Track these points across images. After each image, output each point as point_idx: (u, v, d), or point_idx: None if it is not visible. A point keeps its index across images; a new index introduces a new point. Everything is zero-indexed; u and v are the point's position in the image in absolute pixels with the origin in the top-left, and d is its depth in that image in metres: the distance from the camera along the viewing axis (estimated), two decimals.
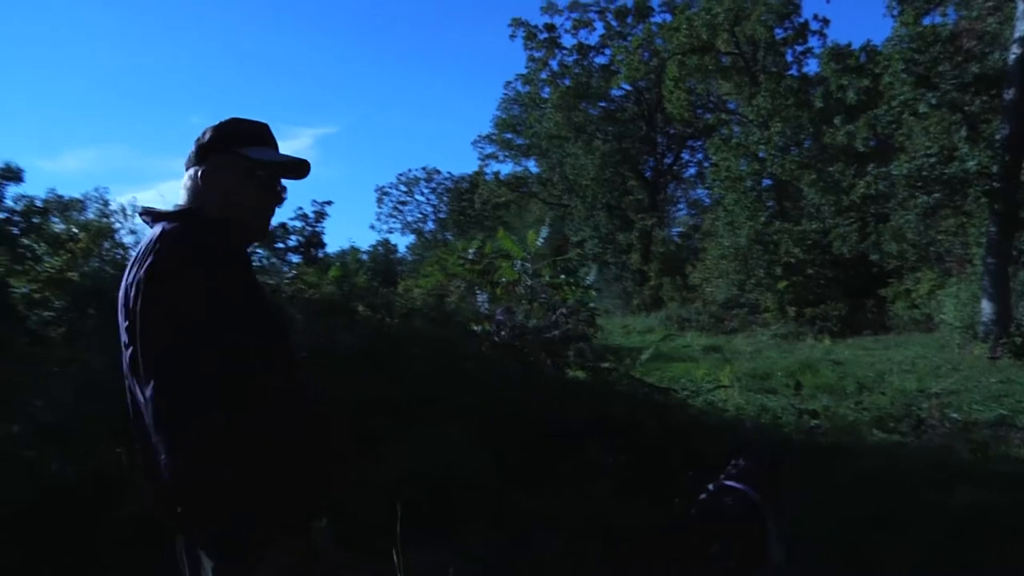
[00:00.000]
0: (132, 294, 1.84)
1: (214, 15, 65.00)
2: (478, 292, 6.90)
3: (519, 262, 7.10)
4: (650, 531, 3.90)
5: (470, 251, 8.77)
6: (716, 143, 25.33)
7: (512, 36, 34.12)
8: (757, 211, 23.78)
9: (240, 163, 2.00)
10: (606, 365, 6.34)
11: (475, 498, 4.49)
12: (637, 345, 19.74)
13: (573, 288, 7.81)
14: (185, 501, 1.75)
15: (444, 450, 4.65)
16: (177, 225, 1.92)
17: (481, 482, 4.61)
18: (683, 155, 38.02)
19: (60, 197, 26.78)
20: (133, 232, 23.23)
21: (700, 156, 35.89)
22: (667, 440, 5.42)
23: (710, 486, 3.64)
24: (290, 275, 8.65)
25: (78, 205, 27.24)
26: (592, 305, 8.28)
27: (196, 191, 2.00)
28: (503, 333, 6.13)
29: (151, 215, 2.00)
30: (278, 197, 2.11)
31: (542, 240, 7.24)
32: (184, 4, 63.39)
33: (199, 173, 2.00)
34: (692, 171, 38.73)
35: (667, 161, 37.52)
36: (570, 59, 34.30)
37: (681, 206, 41.89)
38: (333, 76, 68.38)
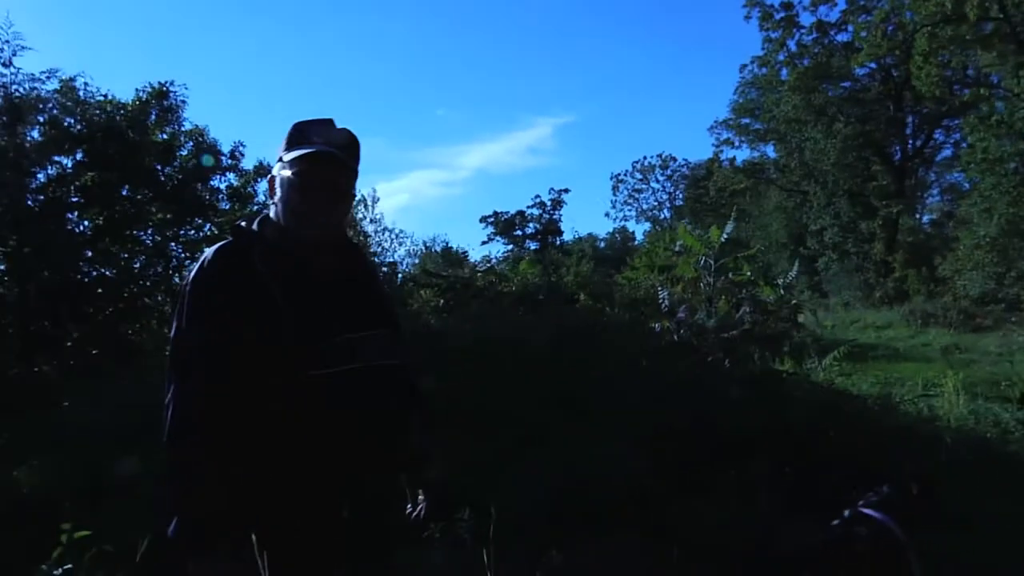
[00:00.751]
0: None
1: (455, 10, 68.12)
2: (660, 288, 7.00)
3: (703, 258, 7.12)
4: (799, 554, 3.79)
5: (676, 243, 8.80)
6: (972, 122, 23.22)
7: (747, 17, 33.09)
8: (1020, 196, 21.48)
9: (280, 168, 2.11)
10: (786, 368, 6.22)
11: (634, 502, 4.60)
12: (872, 342, 18.68)
13: (770, 286, 7.71)
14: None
15: (607, 450, 4.83)
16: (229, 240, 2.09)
17: (642, 486, 4.69)
18: (936, 136, 35.03)
19: None
20: (373, 221, 25.06)
21: (956, 136, 32.84)
22: (850, 452, 5.21)
23: (845, 512, 3.50)
24: (482, 267, 9.12)
25: None
26: (794, 302, 8.10)
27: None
28: (682, 331, 6.24)
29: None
30: (315, 193, 2.07)
31: (726, 235, 7.19)
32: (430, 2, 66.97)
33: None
34: (947, 153, 35.53)
35: (916, 143, 34.72)
36: (809, 38, 32.68)
37: (934, 191, 38.64)
38: (575, 65, 69.44)
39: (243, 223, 2.16)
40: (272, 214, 2.12)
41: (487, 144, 66.14)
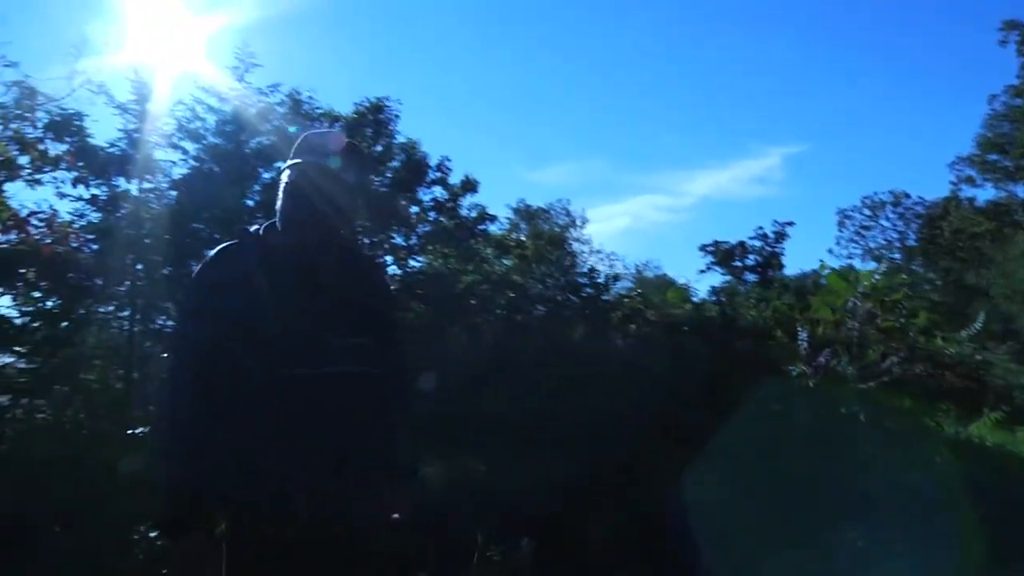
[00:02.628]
0: None
1: (685, 33, 66.97)
2: (800, 329, 6.71)
3: (851, 300, 6.71)
4: None
5: (864, 282, 8.33)
6: None
7: (1003, 42, 30.03)
8: None
9: (281, 177, 2.37)
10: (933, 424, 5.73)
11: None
12: None
13: (948, 339, 7.15)
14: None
15: (702, 494, 4.81)
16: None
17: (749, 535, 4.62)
18: None
19: (528, 207, 30.63)
20: (583, 242, 25.63)
21: None
22: None
23: None
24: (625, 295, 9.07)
25: (543, 214, 30.86)
26: (979, 357, 7.44)
27: None
28: (818, 378, 5.96)
29: None
30: (303, 200, 2.25)
31: (877, 277, 6.71)
32: (657, 23, 66.22)
33: None
34: None
35: None
36: None
37: None
38: (809, 93, 65.95)
39: (250, 228, 2.39)
40: (276, 221, 2.34)
41: (714, 171, 64.39)
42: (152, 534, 4.26)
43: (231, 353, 2.10)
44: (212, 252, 2.28)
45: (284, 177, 2.32)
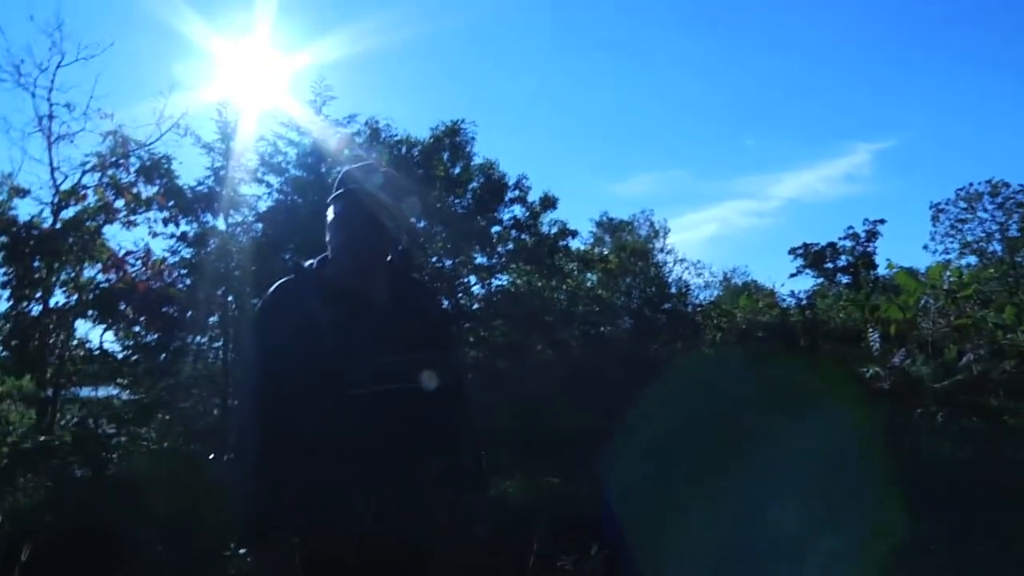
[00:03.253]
0: None
1: (759, 36, 65.46)
2: (871, 330, 6.47)
3: (924, 298, 6.44)
4: None
5: (947, 280, 8.06)
6: None
7: None
8: None
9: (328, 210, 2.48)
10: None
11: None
12: None
13: None
14: None
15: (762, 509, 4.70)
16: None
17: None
18: None
19: (611, 219, 30.53)
20: (667, 252, 25.34)
21: None
22: None
23: None
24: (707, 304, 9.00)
25: (626, 227, 30.71)
26: None
27: None
28: (892, 379, 5.73)
29: None
30: (352, 227, 2.38)
31: (948, 273, 6.38)
32: (740, 24, 64.99)
33: None
34: None
35: None
36: None
37: None
38: (896, 86, 63.36)
39: (305, 262, 2.51)
40: (328, 253, 2.44)
41: (800, 172, 62.38)
42: (240, 550, 4.49)
43: (295, 383, 2.23)
44: (271, 289, 2.40)
45: (330, 211, 2.43)
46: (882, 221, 37.27)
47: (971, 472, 4.81)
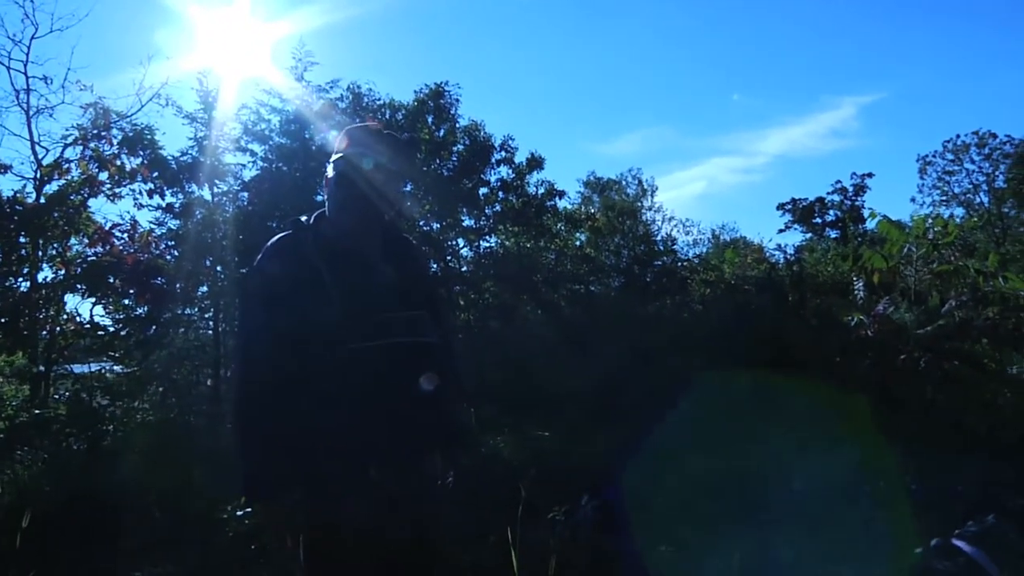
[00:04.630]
0: None
1: None
2: (855, 279, 6.52)
3: (906, 246, 6.49)
4: None
5: (931, 230, 8.12)
6: None
7: None
8: None
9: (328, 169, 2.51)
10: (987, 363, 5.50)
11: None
12: None
13: (1021, 277, 6.88)
14: None
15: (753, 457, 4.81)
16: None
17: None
18: None
19: (599, 179, 30.47)
20: (656, 210, 25.24)
21: None
22: None
23: (934, 541, 3.25)
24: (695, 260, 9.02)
25: (614, 186, 30.65)
26: None
27: None
28: (875, 327, 5.80)
29: None
30: (350, 188, 2.42)
31: (930, 221, 6.45)
32: None
33: None
34: None
35: None
36: None
37: None
38: (882, 38, 62.83)
39: (302, 218, 2.51)
40: (326, 210, 2.49)
41: (787, 128, 62.02)
42: (240, 509, 4.57)
43: (298, 335, 2.25)
44: (270, 243, 2.41)
45: (330, 170, 2.47)
46: (870, 175, 37.36)
47: (945, 415, 4.90)
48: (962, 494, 4.28)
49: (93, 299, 7.88)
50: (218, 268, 8.70)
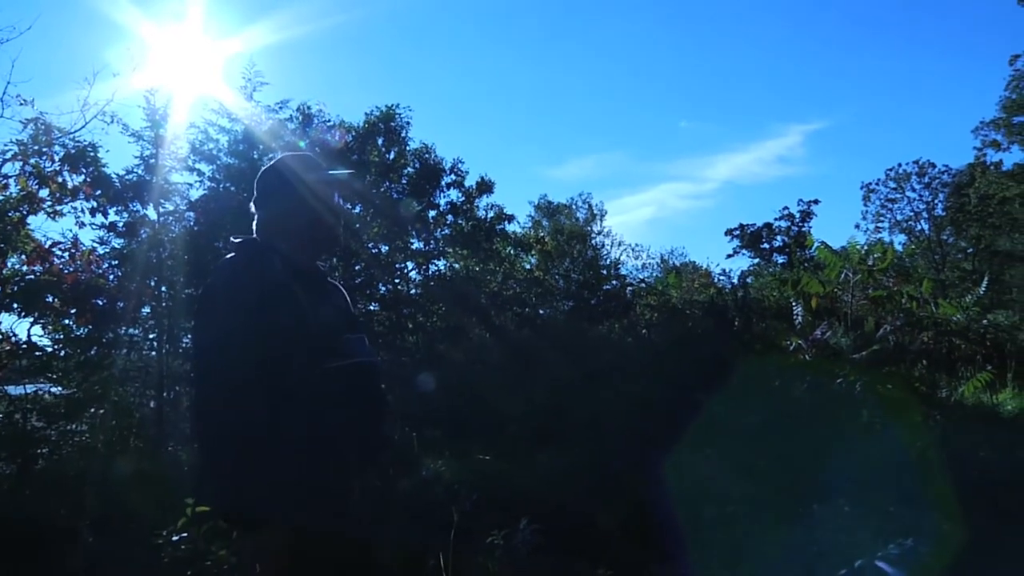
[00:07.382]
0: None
1: (692, 19, 66.20)
2: (794, 304, 6.73)
3: (845, 272, 6.70)
4: None
5: (871, 256, 8.34)
6: None
7: (1022, 1, 29.32)
8: None
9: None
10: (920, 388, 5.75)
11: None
12: None
13: (954, 305, 7.16)
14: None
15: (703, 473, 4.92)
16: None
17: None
18: None
19: (550, 203, 30.73)
20: (605, 234, 25.56)
21: None
22: None
23: (857, 563, 3.35)
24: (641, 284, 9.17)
25: (564, 210, 30.93)
26: (984, 321, 7.43)
27: None
28: (813, 351, 5.99)
29: None
30: (312, 214, 2.46)
31: (864, 248, 6.69)
32: (664, 10, 65.59)
33: None
34: None
35: None
36: None
37: None
38: (826, 68, 64.73)
39: (248, 238, 2.46)
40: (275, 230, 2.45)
41: (735, 155, 63.53)
42: (177, 534, 4.50)
43: (283, 351, 2.19)
44: (241, 258, 2.35)
45: (282, 189, 2.44)
46: (816, 201, 38.32)
47: (880, 436, 5.06)
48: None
49: (31, 319, 7.69)
50: (163, 288, 8.59)
